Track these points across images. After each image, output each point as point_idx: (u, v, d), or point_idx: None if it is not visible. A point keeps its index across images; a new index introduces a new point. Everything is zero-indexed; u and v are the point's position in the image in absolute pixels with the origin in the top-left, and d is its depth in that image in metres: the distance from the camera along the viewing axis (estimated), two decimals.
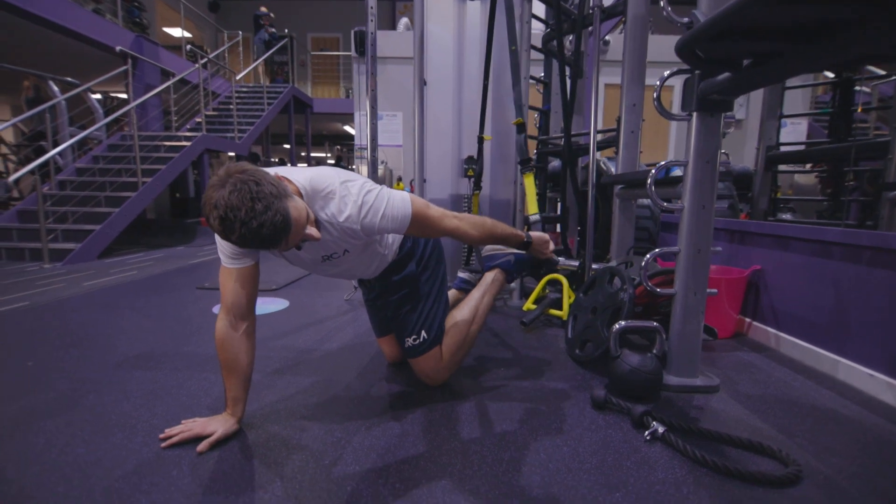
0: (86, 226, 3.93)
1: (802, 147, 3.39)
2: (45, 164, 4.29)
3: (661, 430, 1.07)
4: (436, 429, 1.11)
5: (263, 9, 8.18)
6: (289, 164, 8.68)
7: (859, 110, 2.70)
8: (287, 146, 12.57)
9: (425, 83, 2.23)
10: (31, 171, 3.52)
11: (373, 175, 2.36)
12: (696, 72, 1.22)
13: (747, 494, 0.88)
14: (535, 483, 0.90)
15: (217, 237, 1.06)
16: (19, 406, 1.21)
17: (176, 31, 8.97)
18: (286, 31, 7.99)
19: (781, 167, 2.85)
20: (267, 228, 0.82)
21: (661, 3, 1.27)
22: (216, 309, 2.21)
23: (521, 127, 2.04)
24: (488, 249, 1.51)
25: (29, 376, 1.41)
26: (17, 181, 3.67)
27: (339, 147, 12.44)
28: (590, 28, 2.19)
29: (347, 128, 11.12)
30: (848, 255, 1.46)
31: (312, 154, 9.53)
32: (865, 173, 2.71)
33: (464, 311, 1.37)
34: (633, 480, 0.92)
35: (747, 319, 1.90)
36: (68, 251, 3.61)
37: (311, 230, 0.93)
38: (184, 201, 5.88)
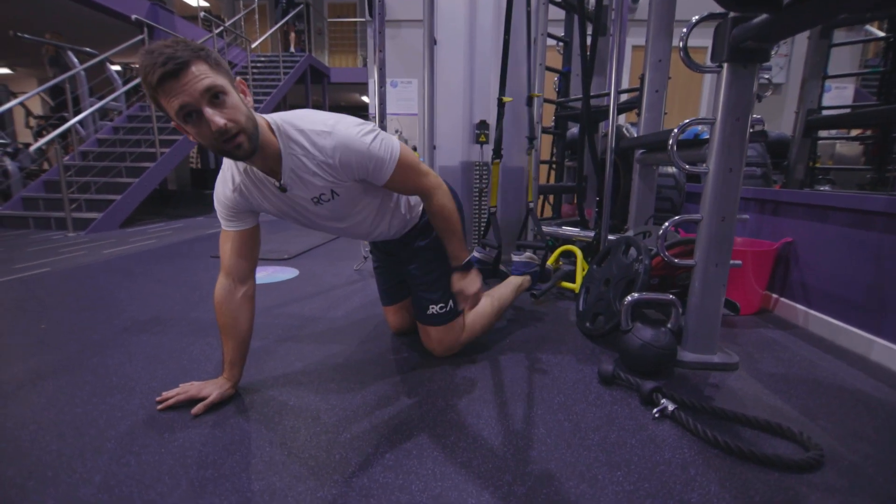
0: (107, 196, 4.01)
1: (847, 111, 3.12)
2: (67, 134, 4.37)
3: (670, 407, 1.01)
4: (433, 399, 1.08)
5: None
6: None
7: None
8: None
9: (435, 42, 2.11)
10: (51, 142, 3.57)
11: None
12: (730, 16, 1.09)
13: (761, 478, 0.81)
14: (532, 458, 0.86)
15: (215, 200, 1.03)
16: (27, 366, 1.23)
17: (194, 1, 8.88)
18: None
19: (822, 133, 2.64)
20: (162, 46, 0.77)
21: None
22: None
23: (529, 100, 1.95)
24: (524, 258, 1.70)
25: (40, 338, 1.43)
26: (44, 152, 3.73)
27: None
28: None
29: (365, 98, 10.95)
30: (892, 227, 1.32)
31: None
32: None
33: (492, 298, 1.42)
34: (637, 459, 0.86)
35: (774, 295, 1.78)
36: (91, 220, 3.69)
37: (211, 110, 0.79)
38: (203, 172, 5.94)
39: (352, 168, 0.96)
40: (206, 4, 7.50)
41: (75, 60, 4.77)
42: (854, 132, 3.39)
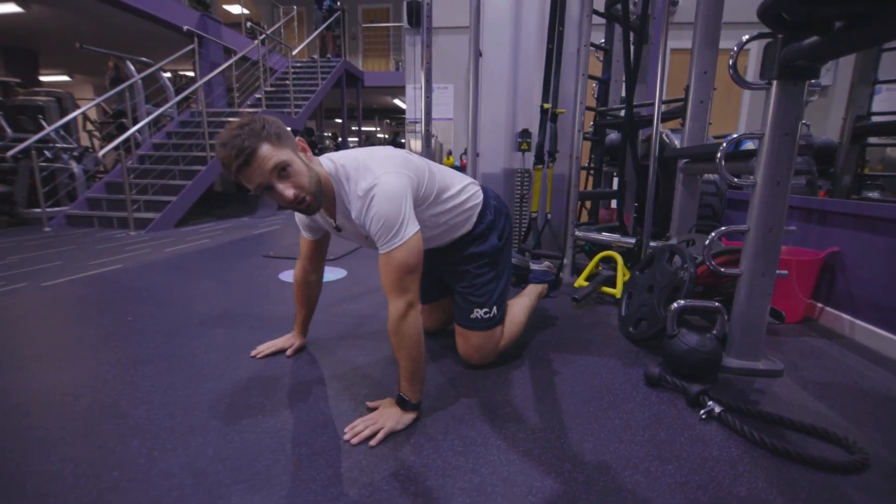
0: (163, 197, 4.29)
1: None
2: (127, 139, 4.70)
3: (717, 409, 1.07)
4: (489, 394, 1.17)
5: None
6: (339, 139, 8.89)
7: None
8: (339, 120, 12.81)
9: (480, 54, 2.20)
10: (116, 148, 3.85)
11: (426, 150, 2.40)
12: (779, 36, 1.14)
13: (807, 478, 0.87)
14: (587, 450, 0.94)
15: (296, 214, 1.19)
16: (128, 353, 1.39)
17: (234, 8, 9.28)
18: (338, 3, 8.01)
19: (872, 139, 2.58)
20: (229, 136, 0.92)
21: None
22: (282, 276, 2.38)
23: (553, 116, 2.03)
24: (543, 266, 1.73)
25: (130, 328, 1.61)
26: (103, 155, 4.03)
27: (389, 121, 12.52)
28: None
29: (397, 101, 11.16)
30: None
31: (363, 128, 9.67)
32: None
33: (521, 307, 1.47)
34: (687, 455, 0.93)
35: (819, 304, 1.79)
36: (149, 220, 3.97)
37: (282, 185, 0.96)
38: None
39: (367, 229, 1.03)
40: (247, 12, 7.82)
41: (133, 69, 5.10)
42: None
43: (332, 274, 2.45)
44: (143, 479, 0.84)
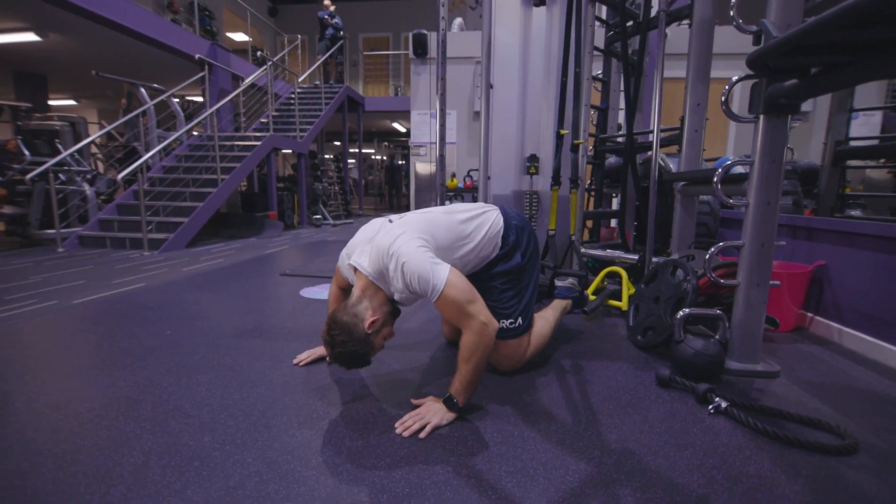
0: (174, 218, 4.40)
1: (875, 142, 3.26)
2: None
3: (724, 404, 1.19)
4: (518, 395, 1.29)
5: (328, 4, 8.03)
6: (340, 161, 9.11)
7: None
8: (337, 143, 13.06)
9: (492, 86, 2.39)
10: (135, 172, 3.98)
11: (439, 172, 2.56)
12: (763, 78, 1.31)
13: (805, 460, 0.99)
14: (612, 439, 1.06)
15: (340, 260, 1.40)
16: (175, 363, 1.50)
17: (238, 36, 9.61)
18: (341, 32, 8.34)
19: (852, 162, 2.78)
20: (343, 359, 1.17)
21: (731, 14, 1.37)
22: (303, 292, 2.49)
23: (575, 147, 2.21)
24: (567, 283, 1.88)
25: (171, 341, 1.71)
26: (122, 179, 4.13)
27: (387, 144, 12.80)
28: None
29: (396, 125, 11.46)
30: None
31: (364, 150, 9.90)
32: None
33: (546, 320, 1.59)
34: (700, 443, 1.05)
35: (809, 314, 1.94)
36: (162, 241, 4.07)
37: (379, 340, 1.21)
38: (252, 196, 6.36)
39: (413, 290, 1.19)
40: (249, 39, 8.11)
41: (145, 95, 5.28)
42: (882, 160, 3.50)
43: None
44: (222, 468, 0.95)
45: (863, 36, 0.89)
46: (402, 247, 1.16)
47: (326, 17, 8.03)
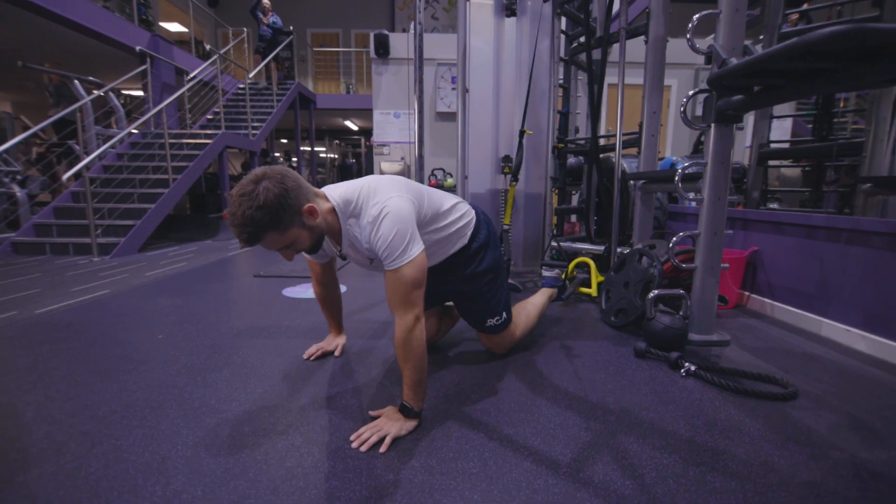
0: (123, 221, 4.14)
1: (789, 145, 3.78)
2: (74, 162, 4.49)
3: (693, 368, 1.42)
4: (521, 372, 1.45)
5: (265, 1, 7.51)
6: (294, 158, 8.87)
7: (840, 105, 3.07)
8: (284, 140, 12.64)
9: (467, 90, 2.53)
10: (66, 169, 3.71)
11: (418, 171, 2.67)
12: (713, 92, 1.56)
13: (761, 405, 1.23)
14: (609, 401, 1.25)
15: None
16: (183, 364, 1.50)
17: (172, 27, 9.04)
18: (291, 28, 8.11)
19: (771, 162, 3.22)
20: (239, 223, 0.98)
21: (687, 36, 1.60)
22: (286, 291, 2.51)
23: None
24: (554, 273, 2.01)
25: (168, 345, 1.69)
26: (67, 179, 3.82)
27: (338, 142, 12.59)
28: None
29: (348, 122, 11.31)
30: (829, 237, 1.82)
31: (316, 149, 9.70)
32: (842, 168, 3.10)
33: (531, 307, 1.74)
34: (679, 399, 1.26)
35: (746, 293, 2.27)
36: (112, 245, 3.83)
37: (284, 254, 1.09)
38: (200, 196, 6.08)
39: (375, 253, 1.12)
40: (191, 31, 7.68)
41: (82, 91, 4.89)
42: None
43: None
44: (274, 451, 1.02)
45: (795, 66, 1.13)
46: (395, 201, 1.08)
47: (260, 15, 7.33)
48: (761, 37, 2.56)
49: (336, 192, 1.16)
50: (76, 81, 4.89)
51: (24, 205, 4.30)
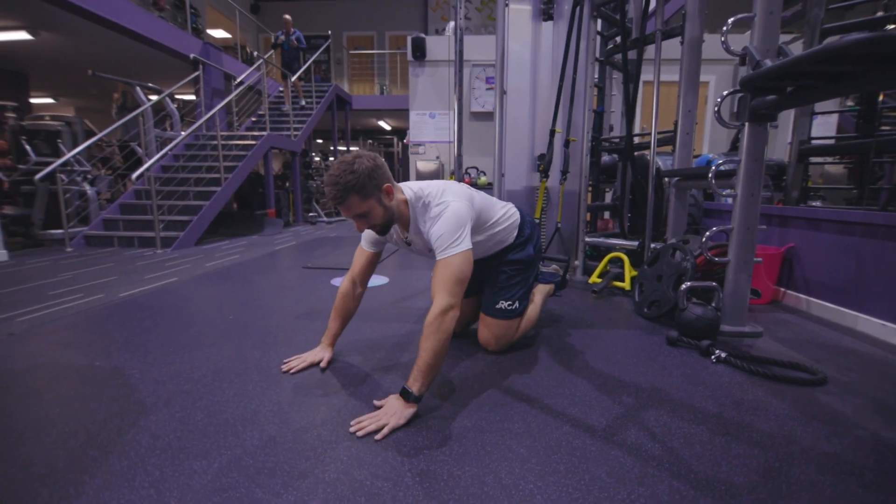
0: (181, 217, 4.49)
1: (832, 142, 3.69)
2: (139, 163, 4.89)
3: (723, 355, 1.50)
4: (558, 355, 1.57)
5: (286, 16, 7.23)
6: (330, 158, 9.21)
7: (880, 97, 2.99)
8: (319, 140, 13.06)
9: (505, 92, 2.65)
10: (141, 173, 4.05)
11: (457, 170, 2.81)
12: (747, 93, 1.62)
13: (789, 389, 1.31)
14: (642, 382, 1.35)
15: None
16: (255, 340, 1.70)
17: (217, 33, 9.54)
18: (329, 31, 8.42)
19: (813, 159, 3.18)
20: (333, 181, 1.16)
21: (722, 39, 1.67)
22: (334, 281, 2.71)
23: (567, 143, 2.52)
24: (551, 269, 2.04)
25: (237, 325, 1.90)
26: (135, 178, 4.18)
27: (371, 141, 12.91)
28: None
29: (382, 123, 11.59)
30: (867, 233, 1.84)
31: (351, 148, 10.03)
32: (890, 165, 3.02)
33: (535, 304, 1.75)
34: (708, 381, 1.35)
35: (782, 289, 2.29)
36: (172, 239, 4.17)
37: (358, 223, 1.24)
38: (247, 194, 6.44)
39: (430, 239, 1.28)
40: (234, 36, 8.10)
41: (142, 96, 5.30)
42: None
43: (375, 280, 2.79)
44: (346, 409, 1.18)
45: (826, 69, 1.20)
46: (456, 203, 1.27)
47: (281, 36, 6.99)
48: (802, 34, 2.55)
49: (411, 188, 1.33)
50: (138, 88, 5.30)
51: (93, 202, 4.72)
